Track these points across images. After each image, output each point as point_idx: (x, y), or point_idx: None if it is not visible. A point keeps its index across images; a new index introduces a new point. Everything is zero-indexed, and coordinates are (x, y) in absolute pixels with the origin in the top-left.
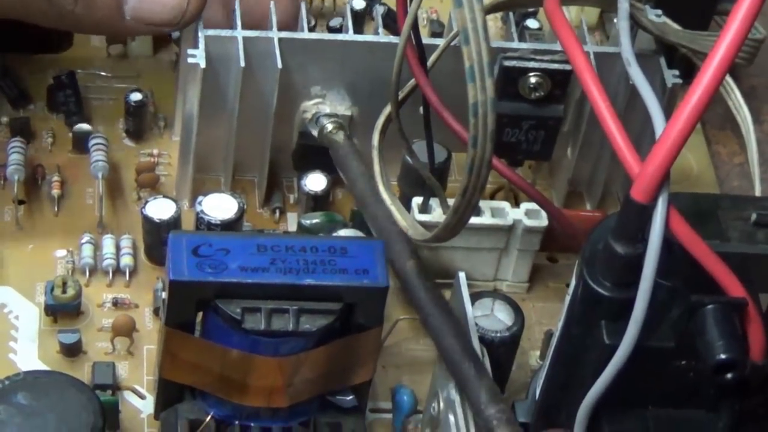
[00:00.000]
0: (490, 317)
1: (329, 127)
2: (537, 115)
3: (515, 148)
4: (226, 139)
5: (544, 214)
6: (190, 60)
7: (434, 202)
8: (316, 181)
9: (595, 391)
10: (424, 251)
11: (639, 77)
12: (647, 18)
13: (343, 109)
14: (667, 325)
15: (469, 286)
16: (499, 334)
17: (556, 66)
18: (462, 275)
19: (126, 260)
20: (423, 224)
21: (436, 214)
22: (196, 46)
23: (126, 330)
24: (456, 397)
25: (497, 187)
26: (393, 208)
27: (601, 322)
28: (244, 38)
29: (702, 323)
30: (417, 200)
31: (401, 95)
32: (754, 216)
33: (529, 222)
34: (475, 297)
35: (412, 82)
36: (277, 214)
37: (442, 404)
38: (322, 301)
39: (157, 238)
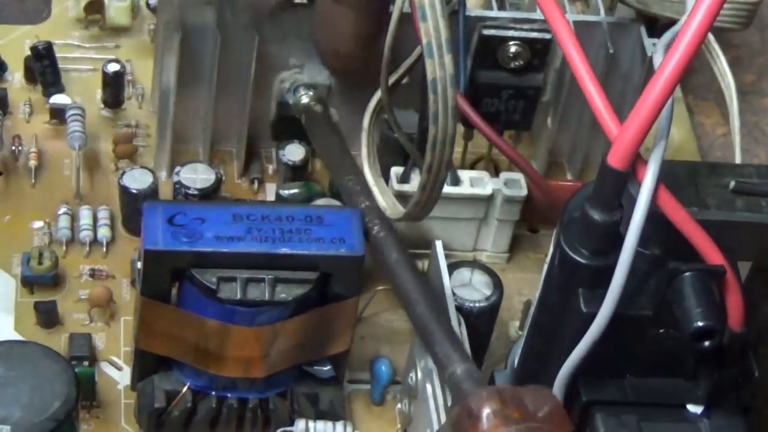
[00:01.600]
0: (469, 287)
1: (305, 99)
2: (516, 84)
3: (495, 118)
4: (204, 110)
5: (523, 183)
6: (167, 29)
7: (414, 173)
8: (294, 152)
9: (573, 359)
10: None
11: None
12: None
13: (321, 79)
14: (646, 294)
15: (449, 256)
16: (477, 304)
17: (535, 35)
18: (439, 243)
19: (103, 231)
20: (401, 194)
21: (415, 184)
22: (173, 15)
23: (103, 301)
24: (433, 366)
25: (477, 158)
26: (375, 188)
27: (578, 290)
28: (221, 7)
29: (680, 291)
30: (396, 170)
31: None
32: (732, 183)
33: (508, 192)
34: (453, 267)
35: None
36: (256, 184)
37: (420, 374)
38: (298, 270)
39: (134, 209)
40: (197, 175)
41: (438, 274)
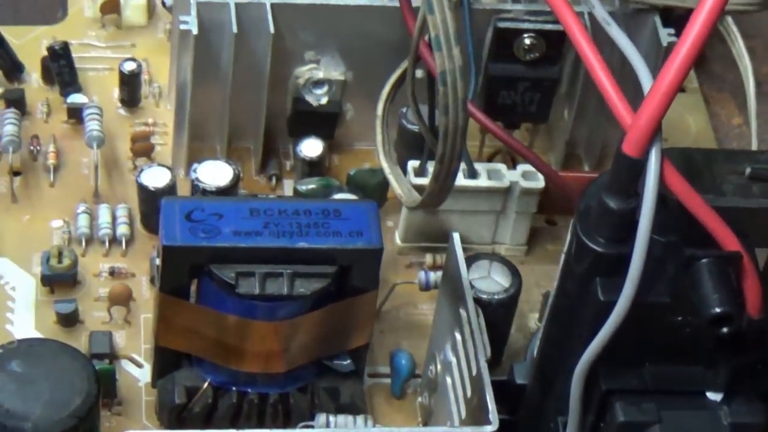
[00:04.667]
0: (487, 279)
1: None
2: (532, 76)
3: (511, 111)
4: (220, 107)
5: (540, 175)
6: (182, 27)
7: (430, 165)
8: (311, 147)
9: (592, 348)
10: (419, 215)
11: (620, 36)
12: None
13: (338, 74)
14: (663, 281)
15: (467, 249)
16: (496, 296)
17: (550, 27)
18: (456, 236)
19: (122, 229)
20: (418, 188)
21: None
22: (188, 13)
23: (123, 299)
24: (453, 359)
25: (495, 151)
26: (391, 177)
27: (596, 278)
28: (236, 4)
29: (697, 277)
30: (413, 163)
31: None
32: (748, 170)
33: (525, 183)
34: (472, 259)
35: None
36: (274, 180)
37: (439, 367)
38: (316, 264)
39: (152, 207)
40: (215, 172)
41: (456, 265)
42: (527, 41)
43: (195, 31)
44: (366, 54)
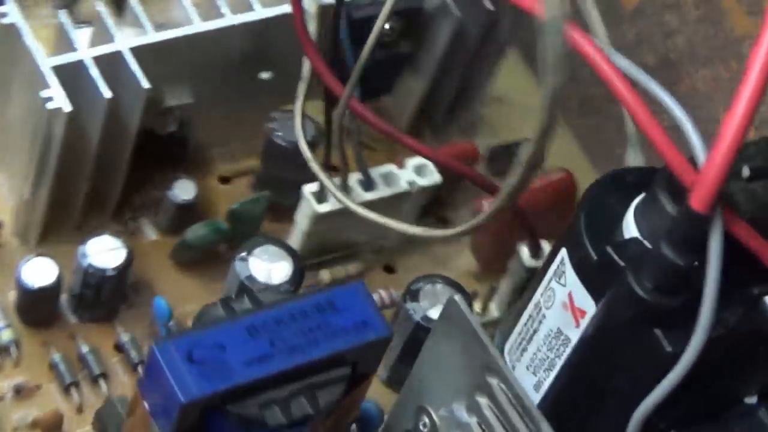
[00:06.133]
0: (438, 306)
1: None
2: (391, 55)
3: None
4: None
5: (433, 168)
6: (51, 106)
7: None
8: (184, 189)
9: (654, 397)
10: (319, 232)
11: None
12: None
13: (184, 98)
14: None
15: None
16: None
17: (402, 5)
18: (458, 298)
19: (7, 335)
20: (324, 215)
21: (334, 201)
22: (46, 86)
23: (54, 425)
24: (469, 419)
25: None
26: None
27: (654, 330)
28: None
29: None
30: (309, 188)
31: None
32: (746, 171)
33: (423, 181)
34: (415, 291)
35: None
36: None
37: (439, 422)
38: (331, 370)
39: (35, 303)
40: (102, 250)
41: (467, 326)
42: (385, 26)
43: (67, 108)
44: (212, 74)
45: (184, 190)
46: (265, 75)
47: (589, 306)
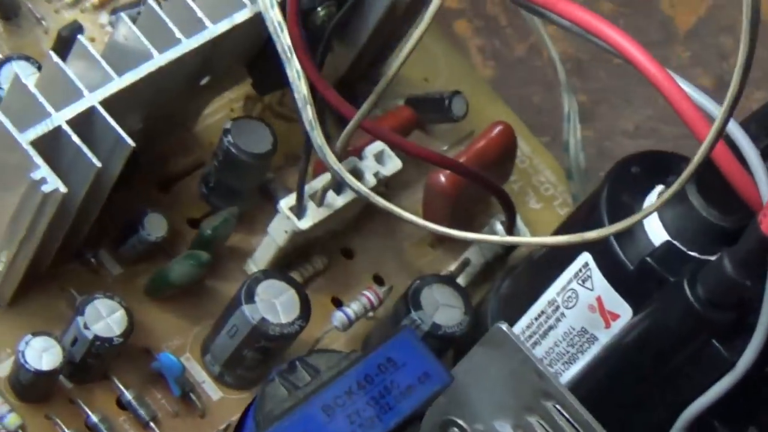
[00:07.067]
0: (440, 309)
1: None
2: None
3: None
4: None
5: (393, 156)
6: (46, 188)
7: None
8: (156, 225)
9: (705, 400)
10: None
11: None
12: None
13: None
14: None
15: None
16: (461, 324)
17: None
18: (506, 327)
19: (14, 420)
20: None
21: (314, 214)
22: (36, 167)
23: None
24: None
25: None
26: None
27: (710, 340)
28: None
29: None
30: (286, 203)
31: None
32: None
33: (386, 171)
34: (415, 294)
35: None
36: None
37: None
38: (406, 427)
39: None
40: (109, 318)
41: (514, 353)
42: (322, 12)
43: (63, 189)
44: (164, 98)
45: (155, 228)
46: (204, 81)
47: (624, 311)
